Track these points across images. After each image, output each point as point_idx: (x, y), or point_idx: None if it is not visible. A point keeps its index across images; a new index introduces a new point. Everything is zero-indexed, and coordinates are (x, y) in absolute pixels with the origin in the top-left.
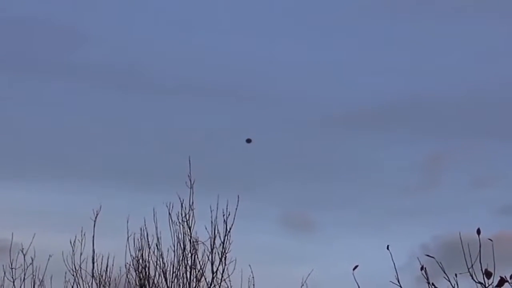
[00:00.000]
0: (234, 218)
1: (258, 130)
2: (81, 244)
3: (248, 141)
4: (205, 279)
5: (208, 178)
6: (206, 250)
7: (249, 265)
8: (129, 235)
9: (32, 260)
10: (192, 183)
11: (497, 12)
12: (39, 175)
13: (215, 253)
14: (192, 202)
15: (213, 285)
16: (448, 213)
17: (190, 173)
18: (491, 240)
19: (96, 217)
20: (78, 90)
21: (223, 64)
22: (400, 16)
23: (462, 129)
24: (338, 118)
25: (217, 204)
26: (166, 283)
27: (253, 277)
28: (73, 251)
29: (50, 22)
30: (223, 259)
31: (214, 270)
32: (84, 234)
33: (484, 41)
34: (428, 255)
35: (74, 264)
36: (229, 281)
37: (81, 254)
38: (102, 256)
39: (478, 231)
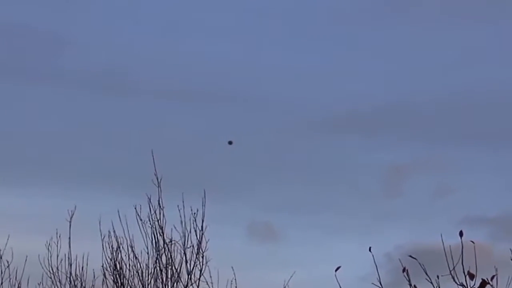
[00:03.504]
0: (203, 215)
1: (242, 134)
2: (57, 246)
3: (230, 143)
4: (181, 279)
5: (188, 182)
6: (180, 250)
7: (232, 267)
8: (102, 237)
9: (9, 263)
10: (159, 181)
11: (476, 18)
12: (15, 179)
13: (190, 252)
14: (161, 200)
15: (189, 284)
16: (412, 222)
17: (156, 170)
18: (473, 242)
19: (71, 218)
20: (60, 95)
21: (206, 68)
22: (383, 23)
23: (445, 135)
24: (321, 122)
25: (183, 202)
26: (142, 284)
27: (235, 279)
28: (49, 253)
29: (33, 28)
30: (200, 258)
31: (190, 269)
32: (60, 236)
33: (464, 47)
34: (411, 256)
35: (51, 267)
36: (211, 282)
37: (57, 256)
38: (77, 257)
39: (461, 233)
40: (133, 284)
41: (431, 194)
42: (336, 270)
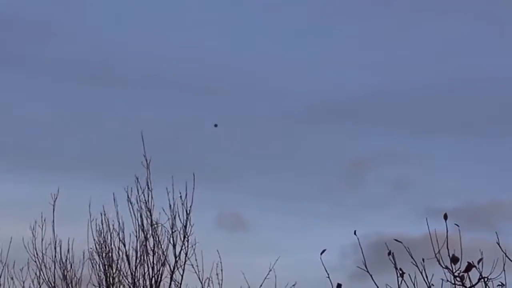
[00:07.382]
0: (192, 199)
1: (225, 123)
2: (42, 229)
3: (215, 125)
4: (168, 263)
5: (172, 167)
6: (167, 233)
7: (217, 251)
8: (91, 219)
9: None
10: (148, 162)
11: (457, 11)
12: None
13: (176, 236)
14: (149, 182)
15: (176, 267)
16: (375, 212)
17: (145, 152)
18: (457, 225)
19: (55, 201)
20: (47, 84)
21: (190, 58)
22: (364, 14)
23: (412, 126)
24: (295, 112)
25: (172, 185)
26: (130, 267)
27: (220, 262)
28: (33, 236)
29: (20, 17)
30: (185, 241)
31: (177, 253)
32: (45, 220)
33: (444, 39)
34: (396, 240)
35: (36, 250)
36: (196, 266)
37: (42, 239)
38: (61, 241)
39: (445, 216)
40: (120, 267)
41: (395, 185)
42: (321, 254)
